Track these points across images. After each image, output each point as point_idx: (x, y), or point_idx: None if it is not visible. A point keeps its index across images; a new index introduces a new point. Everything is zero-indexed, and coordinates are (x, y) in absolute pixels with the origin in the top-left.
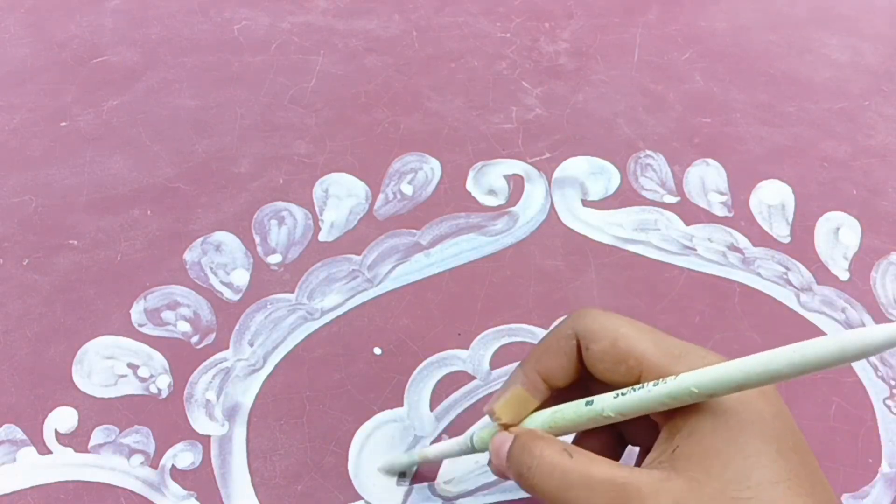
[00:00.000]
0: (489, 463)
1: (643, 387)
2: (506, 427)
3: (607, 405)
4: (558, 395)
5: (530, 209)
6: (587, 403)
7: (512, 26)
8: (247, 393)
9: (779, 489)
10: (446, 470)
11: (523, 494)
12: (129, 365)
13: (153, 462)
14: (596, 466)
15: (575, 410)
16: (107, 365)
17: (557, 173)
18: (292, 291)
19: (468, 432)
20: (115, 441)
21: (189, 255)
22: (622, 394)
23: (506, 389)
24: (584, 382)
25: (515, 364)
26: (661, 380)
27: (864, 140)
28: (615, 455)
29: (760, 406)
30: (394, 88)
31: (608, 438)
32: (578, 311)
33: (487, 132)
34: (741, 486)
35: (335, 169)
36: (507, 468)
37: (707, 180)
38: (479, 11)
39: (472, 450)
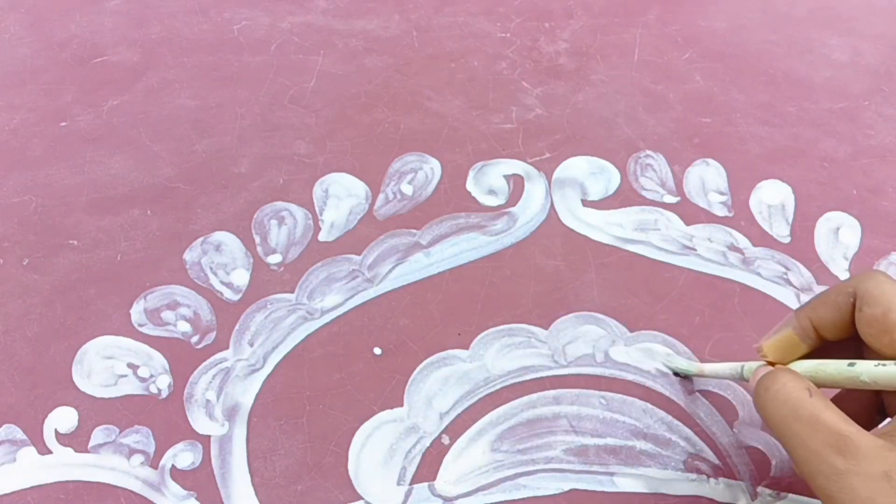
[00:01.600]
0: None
1: None
2: (771, 365)
3: (866, 371)
4: (827, 347)
5: (530, 209)
6: (850, 364)
7: (512, 26)
8: (247, 393)
9: None
10: (446, 470)
11: (523, 494)
12: (129, 365)
13: (153, 462)
14: (828, 412)
15: (836, 368)
16: (107, 365)
17: (557, 173)
18: (292, 291)
19: (740, 362)
20: (115, 441)
21: (189, 255)
22: (883, 364)
23: (777, 330)
24: (857, 342)
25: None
26: None
27: (864, 140)
28: (870, 422)
29: None
30: (394, 88)
31: (868, 403)
32: (866, 272)
33: (487, 132)
34: None
35: (335, 169)
36: (751, 392)
37: (707, 180)
38: (479, 11)
39: (741, 377)
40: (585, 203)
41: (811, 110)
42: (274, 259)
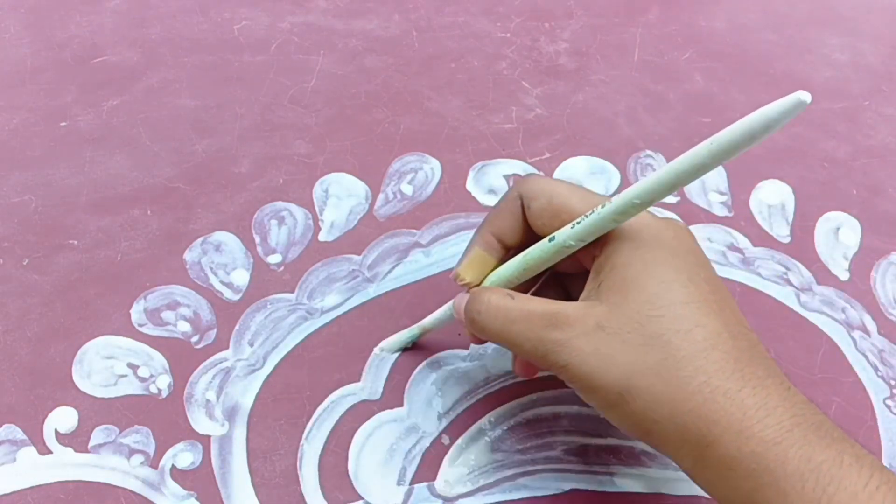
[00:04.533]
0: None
1: (594, 211)
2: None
3: (567, 235)
4: (510, 257)
5: None
6: (550, 240)
7: (512, 26)
8: (247, 393)
9: (689, 308)
10: (446, 470)
11: (522, 494)
12: (129, 365)
13: (153, 462)
14: (533, 303)
15: (541, 248)
16: (107, 365)
17: (557, 173)
18: (292, 291)
19: (449, 302)
20: (115, 441)
21: (189, 255)
22: (578, 223)
23: (466, 253)
24: (532, 243)
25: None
26: (608, 201)
27: (864, 140)
28: None
29: (674, 244)
30: (394, 88)
31: (558, 297)
32: (522, 177)
33: (487, 132)
34: (654, 307)
35: (335, 169)
36: (464, 322)
37: (707, 180)
38: (479, 11)
39: (452, 316)
40: None
41: (811, 110)
42: (274, 259)
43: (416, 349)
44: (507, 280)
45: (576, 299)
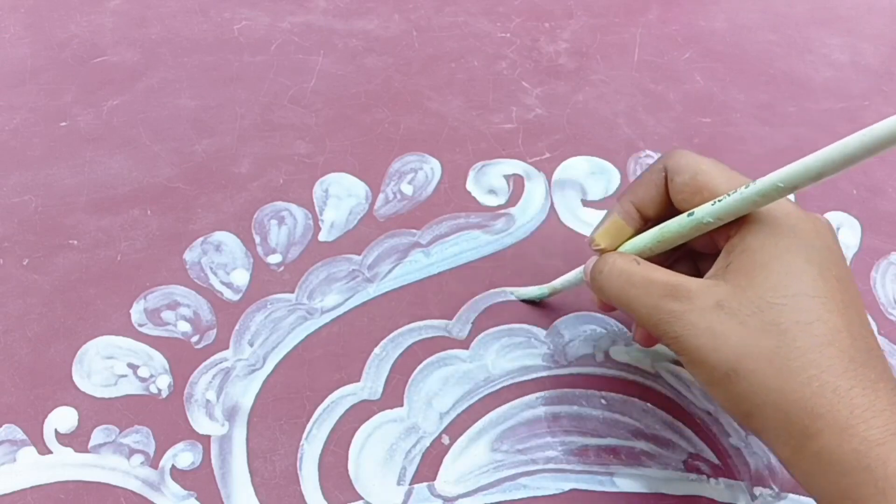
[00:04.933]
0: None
1: (736, 191)
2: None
3: (707, 212)
4: (648, 228)
5: (530, 209)
6: (689, 215)
7: (512, 26)
8: (247, 393)
9: (813, 301)
10: (446, 470)
11: (523, 494)
12: (129, 365)
13: (153, 462)
14: (657, 272)
15: (678, 222)
16: (107, 365)
17: (557, 173)
18: (292, 291)
19: (581, 266)
20: (115, 441)
21: (189, 255)
22: (719, 200)
23: (604, 220)
24: (669, 218)
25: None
26: (751, 182)
27: None
28: None
29: (811, 236)
30: (394, 88)
31: (688, 272)
32: (670, 150)
33: (487, 132)
34: (778, 294)
35: (335, 169)
36: (588, 280)
37: None
38: (479, 11)
39: (582, 279)
40: (585, 203)
41: (811, 110)
42: (274, 259)
43: (418, 348)
44: (641, 250)
45: (701, 275)
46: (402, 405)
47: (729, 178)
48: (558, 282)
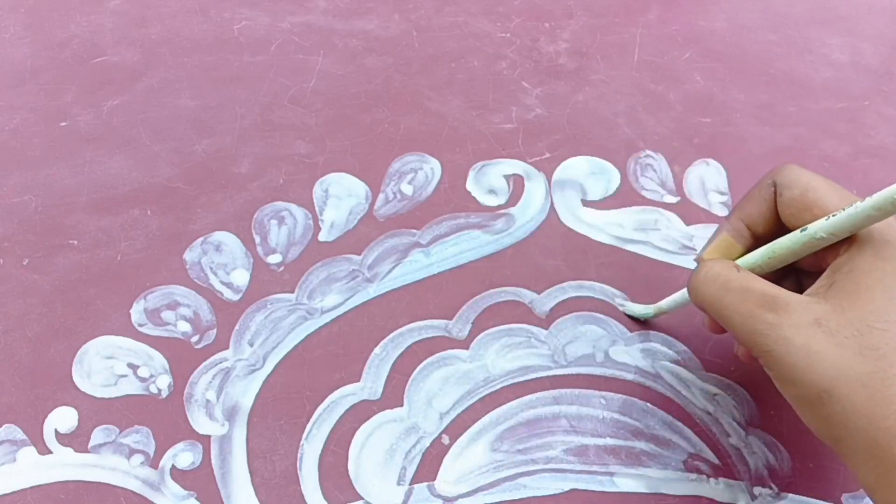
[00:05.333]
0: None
1: (852, 205)
2: None
3: (820, 227)
4: (757, 246)
5: (530, 209)
6: (801, 231)
7: (512, 26)
8: (247, 393)
9: None
10: (446, 470)
11: (523, 494)
12: (129, 365)
13: (153, 462)
14: (756, 281)
15: (791, 238)
16: (107, 365)
17: (557, 173)
18: (292, 291)
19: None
20: (115, 441)
21: (189, 255)
22: (833, 215)
23: (712, 238)
24: (779, 236)
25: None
26: (868, 197)
27: (864, 140)
28: None
29: None
30: (394, 88)
31: (791, 288)
32: (780, 165)
33: (487, 132)
34: (880, 319)
35: (335, 169)
36: (687, 289)
37: (707, 180)
38: (479, 11)
39: (688, 300)
40: (585, 203)
41: (811, 110)
42: (274, 259)
43: (418, 348)
44: (751, 267)
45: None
46: (402, 405)
47: (840, 194)
48: (664, 302)
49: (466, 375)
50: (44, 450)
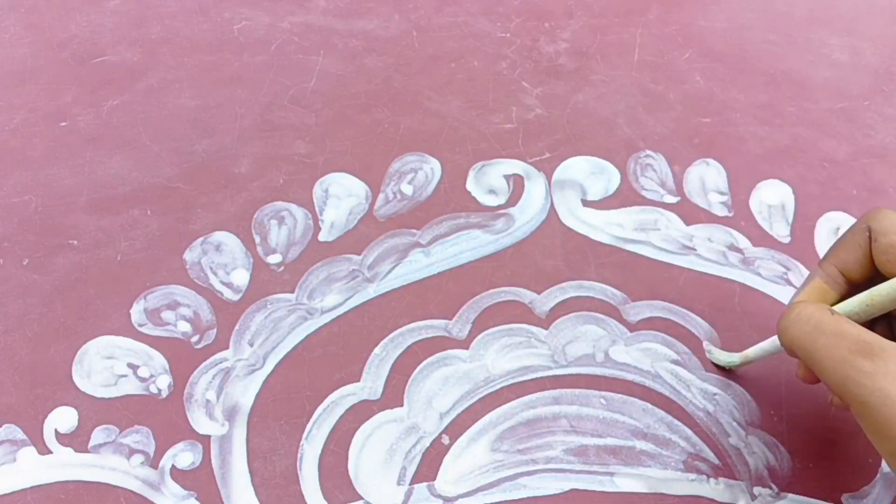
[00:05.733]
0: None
1: None
2: None
3: None
4: (851, 293)
5: (530, 209)
6: None
7: (512, 26)
8: (247, 393)
9: None
10: (446, 470)
11: (523, 494)
12: (129, 365)
13: (153, 462)
14: (850, 326)
15: (891, 286)
16: (107, 365)
17: (557, 173)
18: (292, 291)
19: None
20: (115, 441)
21: (189, 255)
22: None
23: (805, 284)
24: (876, 283)
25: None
26: None
27: (864, 140)
28: None
29: None
30: (394, 88)
31: (884, 334)
32: (874, 209)
33: (487, 132)
34: None
35: (335, 169)
36: (778, 332)
37: (707, 180)
38: (479, 11)
39: (778, 347)
40: (585, 203)
41: (811, 110)
42: (274, 259)
43: (418, 348)
44: (847, 315)
45: None
46: (402, 405)
47: None
48: (752, 350)
49: (466, 375)
50: (44, 450)
